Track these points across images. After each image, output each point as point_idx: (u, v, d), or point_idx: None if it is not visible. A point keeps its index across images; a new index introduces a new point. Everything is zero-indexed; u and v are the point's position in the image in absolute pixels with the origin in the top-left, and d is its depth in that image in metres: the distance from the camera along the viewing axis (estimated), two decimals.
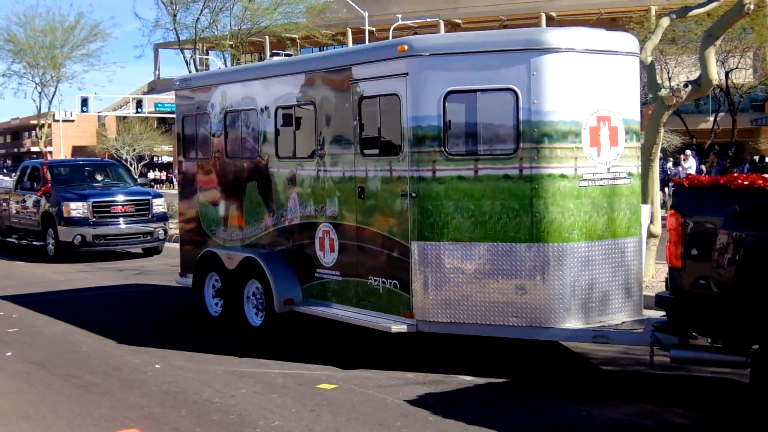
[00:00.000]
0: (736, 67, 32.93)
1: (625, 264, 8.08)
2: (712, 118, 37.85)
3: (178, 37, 28.18)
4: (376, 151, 8.64)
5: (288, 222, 9.82)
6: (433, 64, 8.07)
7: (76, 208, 17.15)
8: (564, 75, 7.77)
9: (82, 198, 17.39)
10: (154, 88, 74.95)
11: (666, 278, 6.80)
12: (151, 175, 65.92)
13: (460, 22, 68.37)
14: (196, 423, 6.79)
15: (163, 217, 18.10)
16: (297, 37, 40.95)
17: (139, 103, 47.81)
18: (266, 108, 10.09)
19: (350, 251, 8.97)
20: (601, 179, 7.98)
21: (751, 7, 11.29)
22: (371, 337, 9.25)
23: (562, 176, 7.77)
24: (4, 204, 19.90)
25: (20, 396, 7.70)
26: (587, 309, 7.83)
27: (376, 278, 8.65)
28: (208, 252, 10.82)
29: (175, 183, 19.61)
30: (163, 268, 16.01)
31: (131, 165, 66.53)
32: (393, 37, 55.35)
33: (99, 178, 19.29)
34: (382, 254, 8.57)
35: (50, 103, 37.82)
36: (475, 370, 8.10)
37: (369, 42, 51.29)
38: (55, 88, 37.28)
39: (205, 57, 48.91)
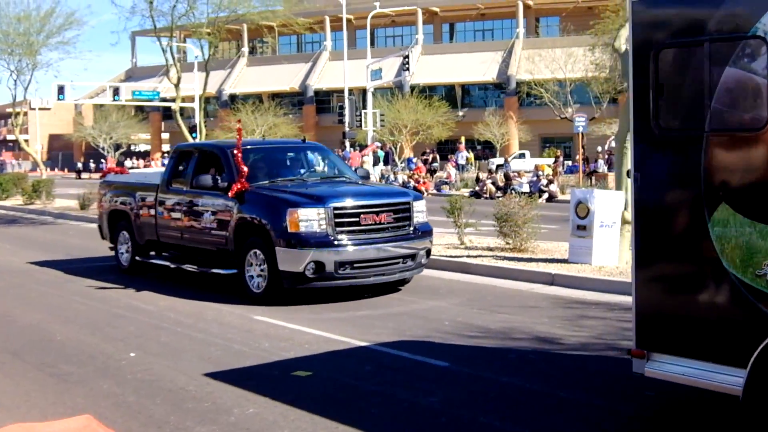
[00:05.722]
0: None
1: None
2: None
3: (155, 25, 27.30)
4: None
5: None
6: None
7: (309, 218, 10.29)
8: None
9: (316, 201, 10.56)
10: (131, 75, 74.45)
11: None
12: (128, 163, 63.14)
13: (437, 10, 68.99)
14: None
15: (427, 231, 11.47)
16: (275, 24, 40.34)
17: (116, 91, 45.61)
18: None
19: None
20: None
21: None
22: None
23: None
24: (144, 208, 12.95)
25: None
26: None
27: None
28: None
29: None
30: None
31: (108, 153, 65.95)
32: (371, 27, 52.19)
33: (310, 169, 12.60)
34: None
35: (26, 90, 35.80)
36: None
37: (346, 31, 48.51)
38: (31, 76, 35.41)
39: (182, 45, 48.77)
